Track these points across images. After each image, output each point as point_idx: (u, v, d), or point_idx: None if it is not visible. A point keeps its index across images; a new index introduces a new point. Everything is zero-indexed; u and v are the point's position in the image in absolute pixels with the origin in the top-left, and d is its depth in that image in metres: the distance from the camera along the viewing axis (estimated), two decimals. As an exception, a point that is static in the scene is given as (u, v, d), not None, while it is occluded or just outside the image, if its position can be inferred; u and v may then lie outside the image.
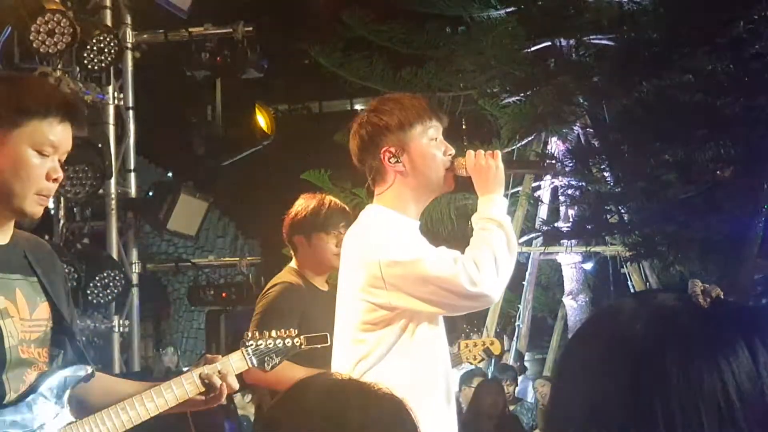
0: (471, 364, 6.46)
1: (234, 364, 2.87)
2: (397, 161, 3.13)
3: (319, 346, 3.08)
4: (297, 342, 2.99)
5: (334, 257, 4.20)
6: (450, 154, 3.21)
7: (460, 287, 2.98)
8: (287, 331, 3.01)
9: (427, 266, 3.00)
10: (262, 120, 7.54)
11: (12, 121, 2.47)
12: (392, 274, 3.03)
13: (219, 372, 2.78)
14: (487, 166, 3.16)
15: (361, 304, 3.12)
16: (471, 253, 3.03)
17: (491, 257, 3.02)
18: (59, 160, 2.53)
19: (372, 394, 1.50)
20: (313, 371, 4.10)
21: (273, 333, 2.98)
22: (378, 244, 3.08)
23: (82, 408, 2.68)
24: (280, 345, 2.97)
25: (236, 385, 2.81)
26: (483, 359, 5.91)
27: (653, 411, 1.18)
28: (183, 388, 2.75)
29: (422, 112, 3.18)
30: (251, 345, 2.92)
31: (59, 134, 2.51)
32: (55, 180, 2.51)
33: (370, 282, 3.07)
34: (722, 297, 1.24)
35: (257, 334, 2.97)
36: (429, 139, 3.17)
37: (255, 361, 2.92)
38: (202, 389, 2.76)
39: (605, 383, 1.22)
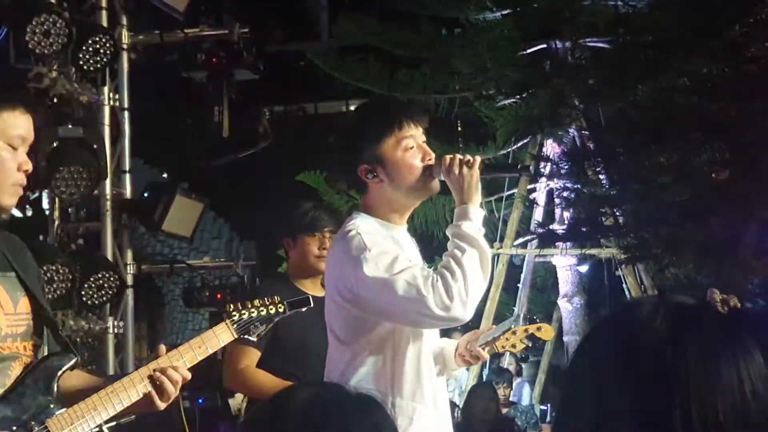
0: (510, 352, 6.21)
1: (219, 336, 2.89)
2: (375, 176, 3.13)
3: (303, 309, 3.08)
4: (280, 308, 3.01)
5: (316, 260, 4.23)
6: (430, 160, 3.17)
7: (430, 311, 2.98)
8: (270, 299, 3.01)
9: (397, 288, 2.99)
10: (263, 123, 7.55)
11: None
12: (364, 290, 3.04)
13: (166, 370, 2.72)
14: (460, 175, 3.11)
15: (341, 313, 3.14)
16: (442, 275, 3.01)
17: (461, 280, 3.00)
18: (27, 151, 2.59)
19: (352, 399, 1.51)
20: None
21: (256, 302, 2.99)
22: (355, 256, 3.06)
23: None
24: (263, 313, 2.99)
25: (188, 376, 2.78)
26: (526, 346, 5.50)
27: (671, 406, 1.20)
28: (134, 389, 2.71)
29: (393, 123, 3.13)
30: (234, 316, 2.93)
31: (25, 126, 2.59)
32: (26, 171, 2.57)
33: (345, 293, 3.09)
34: (739, 306, 1.27)
35: (239, 304, 2.97)
36: (404, 150, 3.13)
37: (240, 332, 2.94)
38: (151, 389, 2.71)
39: (621, 377, 1.24)
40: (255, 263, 7.89)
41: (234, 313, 2.93)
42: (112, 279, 6.64)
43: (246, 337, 2.94)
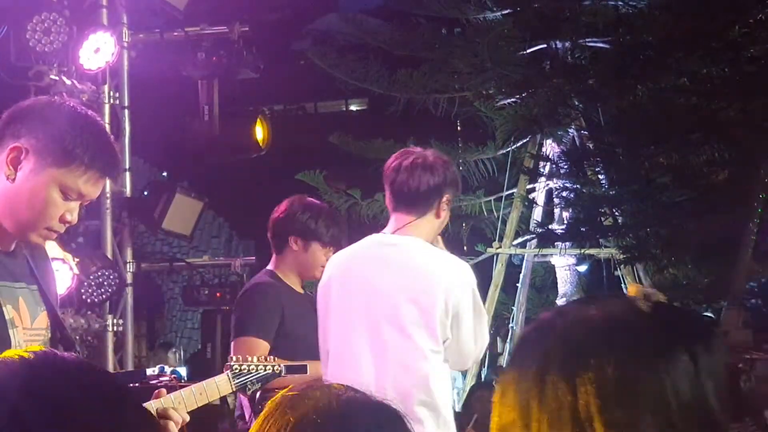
0: None
1: (219, 385, 2.95)
2: (444, 209, 3.71)
3: (297, 375, 3.20)
4: (277, 370, 3.13)
5: (320, 270, 4.32)
6: None
7: (480, 354, 3.77)
8: (268, 358, 3.13)
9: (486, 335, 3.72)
10: (260, 131, 7.48)
11: (54, 158, 2.45)
12: (479, 321, 3.63)
13: (167, 410, 2.73)
14: None
15: (429, 332, 3.54)
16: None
17: None
18: (81, 204, 2.53)
19: (372, 405, 1.49)
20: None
21: (255, 359, 3.09)
22: (474, 288, 3.62)
23: None
24: (262, 371, 3.10)
25: (187, 418, 2.80)
26: None
27: (591, 413, 1.19)
28: None
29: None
30: (236, 369, 3.02)
31: (91, 188, 2.50)
32: (67, 222, 2.50)
33: (443, 317, 3.53)
34: (663, 301, 1.25)
35: (240, 357, 3.10)
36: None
37: (238, 386, 3.02)
38: None
39: (544, 388, 1.23)
40: (254, 262, 7.90)
41: (236, 366, 3.02)
42: (111, 277, 6.64)
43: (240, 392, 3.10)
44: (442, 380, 3.54)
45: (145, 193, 7.34)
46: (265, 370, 3.11)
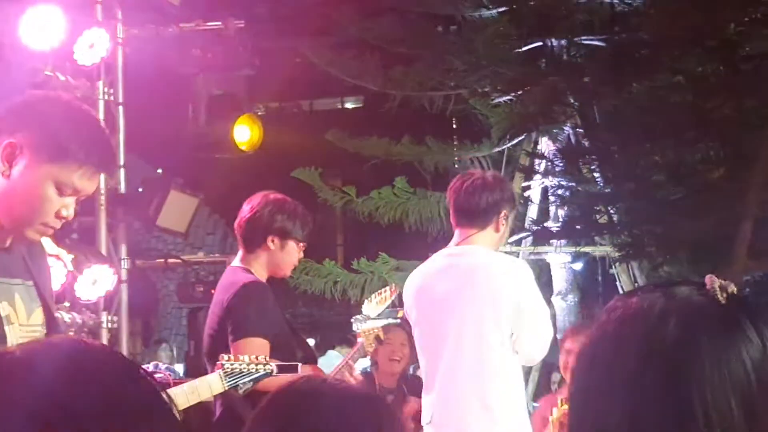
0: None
1: (212, 385, 2.93)
2: (502, 223, 4.28)
3: (289, 374, 3.18)
4: (268, 369, 3.08)
5: (292, 268, 4.36)
6: None
7: (546, 346, 4.36)
8: (260, 358, 3.09)
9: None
10: (248, 131, 7.40)
11: (49, 154, 2.45)
12: (542, 313, 4.31)
13: None
14: None
15: (498, 326, 4.10)
16: None
17: None
18: (76, 199, 2.52)
19: (352, 397, 1.50)
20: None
21: (247, 358, 3.05)
22: (531, 280, 4.25)
23: None
24: (253, 370, 3.07)
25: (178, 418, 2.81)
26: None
27: (692, 407, 1.25)
28: None
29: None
30: (228, 368, 2.99)
31: (86, 183, 2.50)
32: (63, 218, 2.50)
33: (509, 312, 4.07)
34: (735, 292, 1.31)
35: (232, 357, 3.06)
36: None
37: (230, 385, 2.99)
38: None
39: (644, 385, 1.28)
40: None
41: (227, 365, 2.99)
42: (106, 274, 6.63)
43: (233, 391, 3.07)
44: (513, 368, 4.16)
45: (140, 189, 7.33)
46: (257, 369, 3.07)
